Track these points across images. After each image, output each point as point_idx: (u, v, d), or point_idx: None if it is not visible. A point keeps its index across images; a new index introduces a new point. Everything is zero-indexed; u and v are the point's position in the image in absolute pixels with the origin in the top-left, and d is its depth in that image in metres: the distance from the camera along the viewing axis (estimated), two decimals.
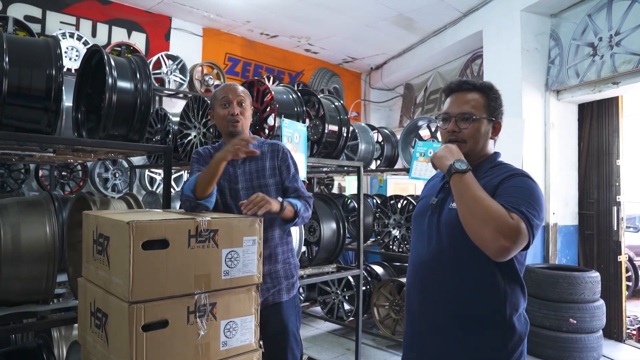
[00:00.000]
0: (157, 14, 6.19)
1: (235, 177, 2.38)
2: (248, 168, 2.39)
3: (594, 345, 4.42)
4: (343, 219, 4.16)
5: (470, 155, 1.70)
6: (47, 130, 2.45)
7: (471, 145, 1.71)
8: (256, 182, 2.37)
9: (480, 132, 1.70)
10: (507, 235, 1.42)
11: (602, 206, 5.32)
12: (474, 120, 1.70)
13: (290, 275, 2.43)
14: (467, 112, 1.70)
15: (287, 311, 2.37)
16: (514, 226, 1.43)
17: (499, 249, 1.43)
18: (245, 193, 2.33)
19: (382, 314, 4.98)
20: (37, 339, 2.64)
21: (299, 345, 2.40)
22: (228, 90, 2.38)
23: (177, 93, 6.03)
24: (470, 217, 1.49)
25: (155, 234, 1.62)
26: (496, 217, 1.44)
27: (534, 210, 1.50)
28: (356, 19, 6.41)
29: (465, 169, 1.54)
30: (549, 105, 5.34)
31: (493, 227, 1.43)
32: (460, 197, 1.53)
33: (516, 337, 1.62)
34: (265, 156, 2.41)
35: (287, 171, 2.42)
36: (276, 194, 2.38)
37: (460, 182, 1.54)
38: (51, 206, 2.42)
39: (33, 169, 5.08)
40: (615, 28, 4.63)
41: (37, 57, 2.36)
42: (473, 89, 1.73)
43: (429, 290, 1.71)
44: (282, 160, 2.41)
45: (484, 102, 1.72)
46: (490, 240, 1.44)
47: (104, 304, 1.73)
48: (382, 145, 5.60)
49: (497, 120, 1.74)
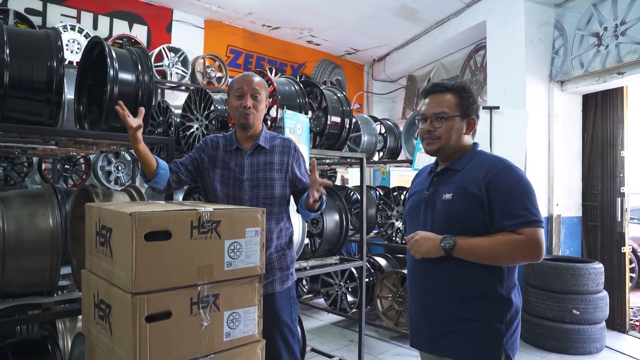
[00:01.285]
0: (159, 6, 6.16)
1: (242, 167, 2.38)
2: (256, 160, 2.40)
3: (597, 337, 4.43)
4: (346, 210, 4.16)
5: (445, 150, 1.90)
6: (49, 123, 2.44)
7: (444, 141, 1.89)
8: (262, 174, 2.37)
9: (453, 129, 1.88)
10: (534, 250, 1.66)
11: (606, 197, 5.30)
12: (446, 119, 1.88)
13: (285, 267, 2.43)
14: (440, 112, 1.88)
15: (280, 302, 2.37)
16: (531, 241, 1.66)
17: (537, 259, 1.69)
18: (249, 184, 2.35)
19: (385, 305, 4.99)
20: (42, 331, 2.66)
21: (295, 336, 2.38)
22: (244, 81, 2.38)
23: (179, 85, 6.01)
24: (497, 261, 1.72)
25: (157, 225, 1.62)
26: (514, 249, 1.67)
27: (531, 204, 1.71)
28: (359, 10, 6.37)
29: (452, 242, 1.73)
30: (553, 96, 5.31)
31: (520, 257, 1.69)
32: (475, 258, 1.73)
33: (513, 310, 1.78)
34: (274, 150, 2.42)
35: (299, 169, 2.46)
36: (280, 189, 2.39)
37: (463, 251, 1.73)
38: (54, 199, 2.42)
39: (36, 162, 5.08)
40: (621, 17, 4.59)
41: (38, 48, 2.35)
42: (445, 90, 1.92)
43: (430, 276, 1.87)
44: (293, 158, 2.44)
45: (456, 101, 1.89)
46: (527, 261, 1.72)
47: (108, 295, 1.74)
48: (384, 137, 5.58)
49: (470, 117, 1.91)
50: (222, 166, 2.41)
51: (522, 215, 1.68)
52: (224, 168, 2.41)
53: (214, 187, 2.41)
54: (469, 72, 6.89)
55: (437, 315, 1.85)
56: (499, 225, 1.72)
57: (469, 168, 1.84)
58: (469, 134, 1.93)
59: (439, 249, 1.75)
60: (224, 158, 2.43)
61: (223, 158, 2.43)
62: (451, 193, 1.81)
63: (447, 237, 1.74)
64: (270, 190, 2.36)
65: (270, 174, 2.37)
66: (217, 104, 3.79)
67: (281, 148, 2.43)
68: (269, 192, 2.36)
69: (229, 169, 2.39)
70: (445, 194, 1.83)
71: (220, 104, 3.83)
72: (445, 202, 1.82)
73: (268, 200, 2.36)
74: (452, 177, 1.87)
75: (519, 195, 1.71)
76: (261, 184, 2.35)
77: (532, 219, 1.67)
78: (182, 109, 4.06)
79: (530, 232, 1.66)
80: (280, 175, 2.40)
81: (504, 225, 1.70)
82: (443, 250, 1.74)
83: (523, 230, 1.66)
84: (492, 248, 1.68)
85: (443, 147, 1.90)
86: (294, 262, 2.52)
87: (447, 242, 1.73)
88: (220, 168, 2.41)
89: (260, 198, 2.34)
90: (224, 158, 2.43)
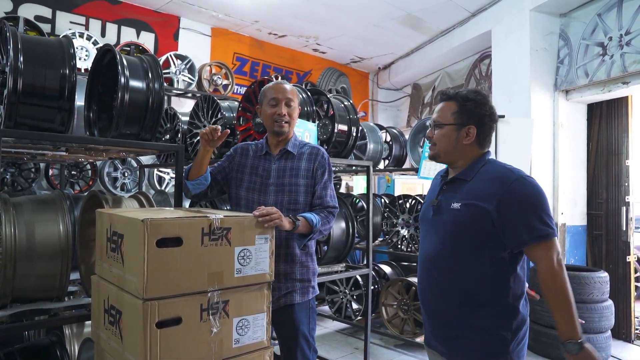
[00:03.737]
0: (166, 13, 6.22)
1: (269, 172, 2.41)
2: (283, 165, 2.41)
3: (603, 346, 4.41)
4: (352, 218, 4.17)
5: (440, 157, 1.95)
6: (61, 129, 2.47)
7: (439, 148, 1.94)
8: (287, 179, 2.38)
9: (444, 137, 1.91)
10: (559, 262, 1.70)
11: (611, 206, 5.29)
12: (440, 127, 1.92)
13: (306, 279, 2.42)
14: (436, 120, 1.95)
15: (300, 313, 2.37)
16: (550, 260, 1.70)
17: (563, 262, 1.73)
18: (275, 189, 2.36)
19: (390, 313, 4.98)
20: (50, 336, 2.67)
21: (311, 347, 2.39)
22: (277, 89, 2.42)
23: (186, 93, 6.06)
24: (568, 293, 1.69)
25: (169, 231, 1.63)
26: (557, 276, 1.69)
27: (545, 215, 1.72)
28: (364, 18, 6.42)
29: (577, 346, 1.67)
30: (558, 105, 5.32)
31: (562, 273, 1.70)
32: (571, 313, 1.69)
33: (520, 319, 1.79)
34: (302, 157, 2.43)
35: (321, 176, 2.41)
36: (305, 196, 2.37)
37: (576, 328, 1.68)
38: (65, 204, 2.44)
39: (43, 168, 5.12)
40: (626, 27, 4.61)
41: (51, 56, 2.38)
42: (447, 99, 1.94)
43: (438, 283, 1.90)
44: (319, 164, 2.42)
45: (455, 110, 1.90)
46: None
47: (118, 301, 1.75)
48: (390, 145, 5.60)
49: (469, 126, 1.88)
50: (250, 172, 2.44)
51: (538, 228, 1.69)
52: (251, 174, 2.43)
53: (238, 194, 2.43)
54: (473, 81, 6.91)
55: (447, 321, 1.87)
56: (515, 240, 1.72)
57: (478, 178, 1.84)
58: (471, 142, 1.90)
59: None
60: (253, 164, 2.45)
61: (252, 164, 2.46)
62: (459, 203, 1.82)
63: (570, 343, 1.67)
64: (295, 195, 2.35)
65: (296, 179, 2.37)
66: (224, 111, 3.82)
67: (308, 155, 2.43)
68: (293, 197, 2.34)
69: (257, 174, 2.42)
70: (453, 203, 1.84)
71: (228, 111, 3.87)
72: (453, 211, 1.83)
73: (292, 206, 2.33)
74: (461, 187, 1.88)
75: (533, 207, 1.72)
76: (285, 189, 2.35)
77: (547, 232, 1.70)
78: (190, 116, 4.09)
79: (547, 250, 1.70)
80: (306, 182, 2.38)
81: (523, 240, 1.71)
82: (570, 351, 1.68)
83: (540, 250, 1.70)
84: (563, 301, 1.68)
85: (438, 154, 1.95)
86: (315, 274, 2.50)
87: (574, 347, 1.67)
88: (248, 174, 2.44)
89: (284, 204, 2.32)
90: (252, 164, 2.46)
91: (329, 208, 2.38)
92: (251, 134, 3.54)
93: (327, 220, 2.35)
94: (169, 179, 5.88)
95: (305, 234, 2.27)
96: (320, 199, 2.38)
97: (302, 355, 2.36)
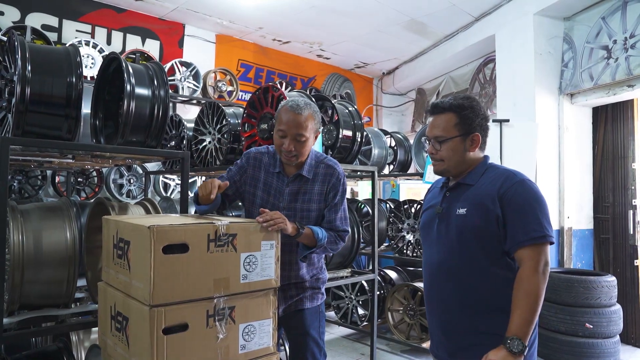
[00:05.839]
0: (171, 21, 6.26)
1: (281, 194, 2.31)
2: (296, 189, 2.31)
3: (611, 351, 4.37)
4: (357, 223, 4.17)
5: (450, 171, 1.92)
6: (68, 137, 2.49)
7: (448, 163, 1.90)
8: (300, 204, 2.30)
9: (453, 150, 1.88)
10: (544, 271, 1.69)
11: (617, 210, 5.26)
12: (445, 142, 1.88)
13: (316, 287, 2.45)
14: (438, 136, 1.89)
15: (310, 318, 2.39)
16: (532, 268, 1.68)
17: (547, 274, 1.72)
18: (286, 214, 2.19)
19: (396, 318, 4.96)
20: (58, 343, 2.68)
21: (321, 351, 2.41)
22: (288, 120, 2.21)
23: (191, 99, 6.09)
24: (540, 300, 1.69)
25: (175, 238, 1.64)
26: (534, 284, 1.67)
27: (544, 218, 1.72)
28: (368, 24, 6.43)
29: (521, 346, 1.64)
30: (563, 109, 5.31)
31: (543, 280, 1.69)
32: (532, 322, 1.68)
33: None
34: (316, 179, 2.32)
35: (332, 199, 2.32)
36: (316, 220, 2.32)
37: (527, 333, 1.67)
38: (71, 211, 2.46)
39: (50, 175, 5.15)
40: (630, 30, 4.60)
41: (58, 65, 2.40)
42: (443, 111, 1.90)
43: (446, 291, 1.88)
44: (332, 187, 2.32)
45: (455, 121, 1.87)
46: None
47: (125, 307, 1.76)
48: (395, 150, 5.60)
49: (473, 134, 1.88)
50: (263, 189, 2.34)
51: (534, 230, 1.70)
52: (264, 191, 2.33)
53: (251, 211, 2.34)
54: (478, 85, 6.91)
55: (456, 330, 1.86)
56: (511, 240, 1.74)
57: (482, 182, 1.85)
58: (475, 150, 1.91)
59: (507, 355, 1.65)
60: (266, 180, 2.34)
61: (265, 180, 2.34)
62: (465, 208, 1.83)
63: (513, 343, 1.64)
64: (306, 221, 2.28)
65: (308, 205, 2.30)
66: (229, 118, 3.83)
67: (322, 177, 2.32)
68: (305, 222, 2.26)
69: (269, 193, 2.32)
70: (459, 209, 1.84)
71: (233, 117, 3.88)
72: (459, 217, 1.83)
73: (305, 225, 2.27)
74: (465, 192, 1.88)
75: (532, 210, 1.73)
76: (297, 215, 2.27)
77: (543, 234, 1.70)
78: (195, 123, 4.11)
79: (536, 253, 1.69)
80: (319, 206, 2.32)
81: (518, 240, 1.72)
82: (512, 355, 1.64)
83: (529, 250, 1.70)
84: (530, 304, 1.66)
85: (447, 168, 1.92)
86: (325, 283, 2.52)
87: (517, 346, 1.63)
88: (261, 190, 2.34)
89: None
90: (265, 180, 2.34)
91: (339, 232, 2.34)
92: (256, 140, 3.55)
93: (335, 241, 2.32)
94: (175, 185, 5.90)
95: (309, 245, 2.24)
96: (329, 224, 2.33)
97: (312, 358, 2.38)
